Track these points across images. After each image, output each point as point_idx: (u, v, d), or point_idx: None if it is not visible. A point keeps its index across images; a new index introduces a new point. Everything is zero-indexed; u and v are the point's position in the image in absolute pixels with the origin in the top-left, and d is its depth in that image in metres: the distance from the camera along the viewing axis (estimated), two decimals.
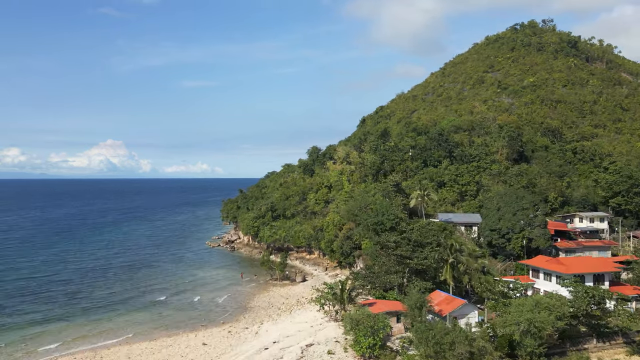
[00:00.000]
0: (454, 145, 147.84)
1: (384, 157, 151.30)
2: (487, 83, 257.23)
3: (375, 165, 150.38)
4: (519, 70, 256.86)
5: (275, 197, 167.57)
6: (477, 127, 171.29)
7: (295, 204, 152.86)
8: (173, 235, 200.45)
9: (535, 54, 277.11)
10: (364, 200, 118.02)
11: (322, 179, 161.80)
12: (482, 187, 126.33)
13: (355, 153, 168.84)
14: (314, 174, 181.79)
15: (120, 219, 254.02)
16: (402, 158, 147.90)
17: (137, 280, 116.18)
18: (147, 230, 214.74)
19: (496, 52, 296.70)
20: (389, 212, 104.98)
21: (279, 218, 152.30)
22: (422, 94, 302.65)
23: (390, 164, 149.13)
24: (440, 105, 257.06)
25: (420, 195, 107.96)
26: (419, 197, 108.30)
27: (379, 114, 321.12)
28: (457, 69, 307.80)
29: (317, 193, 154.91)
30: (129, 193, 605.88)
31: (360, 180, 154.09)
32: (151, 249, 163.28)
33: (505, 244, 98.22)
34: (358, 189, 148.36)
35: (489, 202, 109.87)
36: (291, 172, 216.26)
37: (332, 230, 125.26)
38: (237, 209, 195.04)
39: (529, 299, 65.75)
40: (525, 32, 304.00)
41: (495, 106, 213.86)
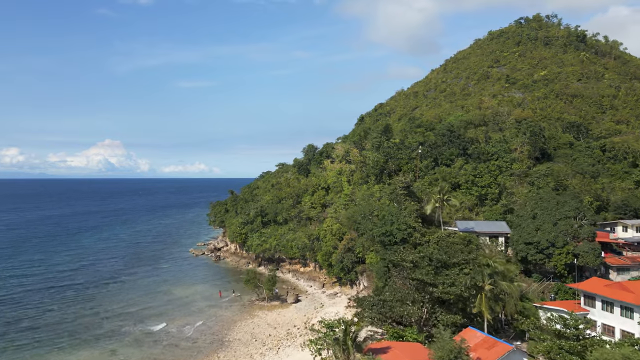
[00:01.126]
0: (468, 141, 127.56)
1: (388, 155, 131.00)
2: (493, 78, 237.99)
3: (379, 164, 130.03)
4: (527, 64, 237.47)
5: (266, 199, 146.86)
6: (490, 122, 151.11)
7: (289, 208, 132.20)
8: (155, 241, 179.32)
9: (542, 48, 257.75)
10: (369, 206, 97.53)
11: (319, 179, 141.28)
12: (505, 190, 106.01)
13: (356, 151, 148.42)
14: (310, 174, 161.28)
15: (102, 223, 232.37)
16: (409, 156, 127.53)
17: (98, 302, 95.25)
18: (128, 235, 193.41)
19: (501, 46, 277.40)
20: (399, 221, 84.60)
21: (270, 224, 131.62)
22: (423, 91, 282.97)
23: (395, 162, 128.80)
24: (444, 101, 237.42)
25: (439, 200, 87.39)
26: (437, 202, 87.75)
27: (378, 111, 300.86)
28: (460, 65, 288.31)
29: (313, 196, 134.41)
30: (121, 194, 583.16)
31: (362, 181, 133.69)
32: (127, 259, 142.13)
33: (544, 260, 77.94)
34: (359, 191, 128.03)
35: (521, 209, 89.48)
36: (285, 171, 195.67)
37: (330, 240, 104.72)
38: (225, 212, 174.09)
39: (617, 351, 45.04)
40: (531, 25, 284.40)
41: (506, 101, 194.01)
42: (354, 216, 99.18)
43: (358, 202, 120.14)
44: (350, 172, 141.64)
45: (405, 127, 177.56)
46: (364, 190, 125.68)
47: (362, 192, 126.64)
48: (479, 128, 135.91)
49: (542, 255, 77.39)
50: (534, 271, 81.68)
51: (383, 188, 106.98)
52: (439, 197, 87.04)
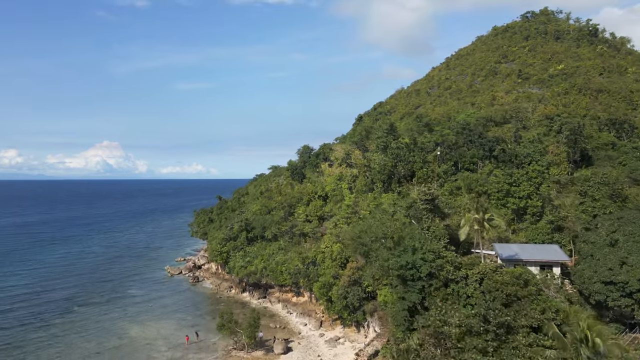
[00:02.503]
0: (493, 141, 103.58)
1: (397, 157, 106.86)
2: (503, 74, 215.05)
3: (387, 168, 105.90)
4: (539, 59, 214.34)
5: (253, 210, 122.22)
6: (513, 119, 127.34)
7: (279, 221, 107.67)
8: (132, 255, 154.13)
9: (553, 42, 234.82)
10: (380, 225, 73.17)
11: (315, 186, 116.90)
12: (549, 202, 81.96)
13: (358, 152, 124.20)
14: (305, 180, 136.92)
15: (80, 232, 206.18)
16: (423, 159, 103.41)
17: (22, 350, 70.42)
18: (103, 248, 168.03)
19: (508, 42, 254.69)
20: (424, 248, 60.45)
21: (257, 241, 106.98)
22: (426, 88, 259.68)
23: (406, 167, 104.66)
24: (450, 99, 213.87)
25: (478, 220, 62.96)
26: (474, 223, 63.40)
27: (377, 110, 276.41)
28: (464, 62, 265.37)
29: (309, 206, 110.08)
30: (114, 196, 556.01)
31: (366, 189, 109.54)
32: (91, 281, 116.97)
33: (632, 306, 53.97)
34: (364, 200, 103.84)
35: (592, 234, 65.37)
36: (278, 175, 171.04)
37: (329, 266, 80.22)
38: (210, 222, 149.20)
39: None
40: (539, 20, 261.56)
41: (523, 96, 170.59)
42: (361, 237, 74.79)
43: (364, 215, 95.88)
44: (352, 178, 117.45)
45: (412, 125, 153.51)
46: (370, 200, 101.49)
47: (367, 202, 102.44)
48: (505, 126, 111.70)
49: (631, 301, 53.37)
50: (611, 318, 57.73)
51: (398, 201, 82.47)
52: (477, 218, 62.57)
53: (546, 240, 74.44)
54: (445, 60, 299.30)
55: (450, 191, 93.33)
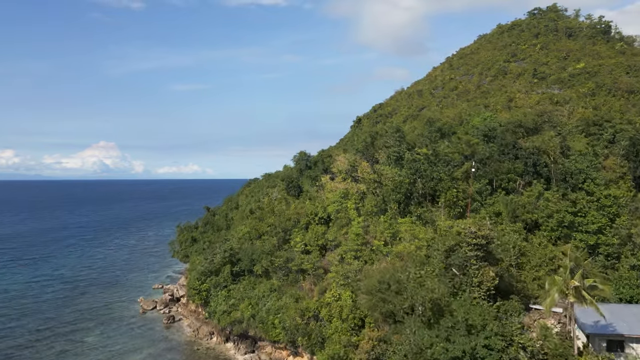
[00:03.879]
0: (534, 152, 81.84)
1: (416, 172, 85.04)
2: (514, 73, 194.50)
3: (403, 186, 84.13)
4: (553, 57, 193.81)
5: (240, 233, 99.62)
6: (546, 124, 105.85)
7: (272, 250, 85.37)
8: (103, 280, 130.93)
9: (565, 39, 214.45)
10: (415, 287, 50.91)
11: (315, 206, 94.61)
12: (630, 239, 60.31)
13: (366, 164, 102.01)
14: (302, 194, 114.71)
15: (51, 249, 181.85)
16: (450, 175, 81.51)
17: None
18: (74, 270, 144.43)
19: (515, 39, 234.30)
20: (489, 329, 38.54)
21: (243, 276, 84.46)
22: (429, 89, 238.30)
23: (428, 184, 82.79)
24: (458, 100, 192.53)
25: (576, 291, 40.64)
26: (569, 293, 41.19)
27: (377, 112, 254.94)
28: (468, 61, 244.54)
29: (307, 231, 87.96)
30: (102, 201, 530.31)
31: (377, 210, 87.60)
32: (40, 324, 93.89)
33: None
34: (376, 226, 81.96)
35: None
36: (272, 186, 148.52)
37: (339, 330, 58.01)
38: (192, 242, 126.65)
39: None
40: (549, 16, 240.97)
41: (544, 98, 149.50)
42: (382, 291, 52.76)
43: (377, 247, 74.02)
44: (359, 195, 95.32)
45: (422, 130, 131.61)
46: (383, 227, 79.52)
47: (380, 229, 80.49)
48: (545, 133, 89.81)
49: None
50: None
51: (433, 242, 60.37)
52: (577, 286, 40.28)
53: (636, 296, 52.88)
54: (446, 60, 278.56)
55: (487, 218, 71.43)
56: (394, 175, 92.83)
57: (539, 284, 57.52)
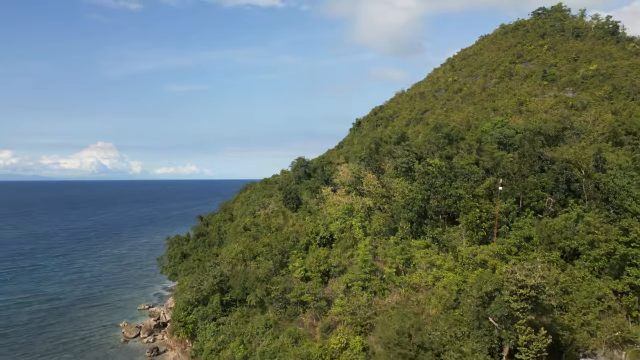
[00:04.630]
0: (568, 168, 71.23)
1: (430, 187, 74.43)
2: (521, 75, 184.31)
3: (416, 203, 73.51)
4: (562, 58, 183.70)
5: (233, 252, 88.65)
6: (568, 131, 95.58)
7: (268, 275, 74.62)
8: (87, 298, 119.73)
9: (573, 40, 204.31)
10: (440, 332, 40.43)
11: (316, 223, 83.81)
12: None
13: (372, 176, 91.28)
14: (301, 207, 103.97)
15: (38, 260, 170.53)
16: (471, 191, 70.91)
17: None
18: (58, 285, 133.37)
19: (520, 40, 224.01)
20: None
21: (235, 306, 73.51)
22: (431, 91, 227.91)
23: (445, 202, 72.19)
24: (464, 103, 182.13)
25: None
26: None
27: (377, 115, 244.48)
28: (471, 62, 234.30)
29: (308, 253, 77.27)
30: (97, 203, 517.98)
31: (387, 230, 77.05)
32: (2, 349, 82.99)
33: None
34: (386, 248, 71.49)
35: None
36: (269, 196, 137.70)
37: None
38: (182, 258, 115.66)
39: None
40: (555, 16, 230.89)
41: (556, 101, 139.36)
42: (404, 348, 42.05)
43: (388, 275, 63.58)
44: (365, 211, 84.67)
45: (429, 137, 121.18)
46: (395, 251, 68.99)
47: (390, 252, 69.96)
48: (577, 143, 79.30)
49: None
50: None
51: (463, 283, 49.87)
52: None
53: None
54: (447, 61, 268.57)
55: (517, 247, 60.89)
56: (404, 188, 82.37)
57: (589, 330, 46.96)
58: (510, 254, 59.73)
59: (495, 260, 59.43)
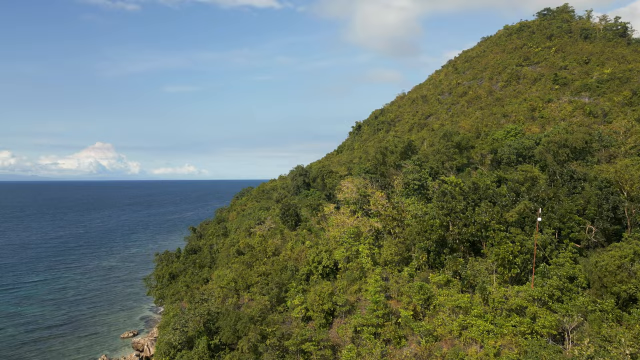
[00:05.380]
0: (611, 192, 60.65)
1: (450, 212, 63.95)
2: (529, 78, 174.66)
3: (435, 230, 62.99)
4: (572, 61, 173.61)
5: (225, 281, 77.77)
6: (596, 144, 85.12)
7: (263, 312, 63.87)
8: (65, 322, 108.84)
9: (582, 42, 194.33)
10: None
11: (318, 250, 73.06)
12: None
13: (380, 194, 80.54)
14: (300, 226, 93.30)
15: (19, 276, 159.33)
16: (497, 218, 60.39)
17: None
18: (36, 305, 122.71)
19: (526, 42, 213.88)
20: None
21: (224, 351, 62.66)
22: (434, 94, 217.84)
23: (468, 231, 61.70)
24: (471, 108, 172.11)
25: None
26: None
27: (378, 119, 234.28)
28: (475, 64, 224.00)
29: (308, 286, 66.62)
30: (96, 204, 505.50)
31: (399, 259, 66.47)
32: None
33: None
34: (398, 283, 61.05)
35: None
36: (265, 208, 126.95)
37: None
38: (171, 280, 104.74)
39: None
40: (562, 17, 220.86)
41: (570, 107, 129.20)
42: None
43: (405, 319, 53.16)
44: (373, 234, 74.10)
45: (439, 146, 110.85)
46: (411, 288, 58.49)
47: (405, 288, 59.48)
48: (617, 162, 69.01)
49: None
50: None
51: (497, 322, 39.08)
52: None
53: None
54: (449, 63, 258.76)
55: (560, 287, 50.38)
56: (418, 210, 71.80)
57: None
58: (552, 298, 49.25)
59: (534, 306, 48.99)
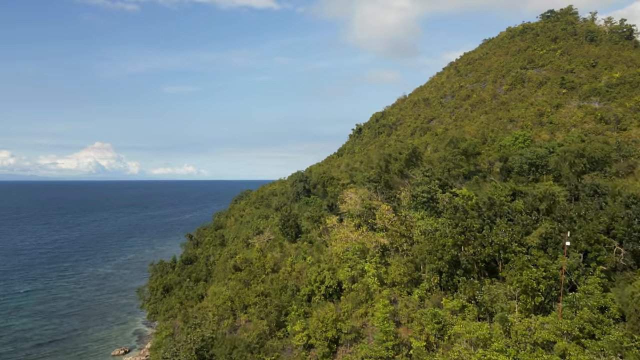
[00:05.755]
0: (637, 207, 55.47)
1: (465, 230, 58.63)
2: (534, 82, 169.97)
3: (447, 251, 57.74)
4: (579, 64, 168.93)
5: (221, 299, 72.31)
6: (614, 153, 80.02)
7: (261, 338, 58.48)
8: (53, 337, 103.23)
9: (587, 44, 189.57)
10: None
11: (320, 268, 67.67)
12: None
13: (386, 207, 75.13)
14: (301, 238, 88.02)
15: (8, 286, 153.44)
16: (517, 238, 55.12)
17: None
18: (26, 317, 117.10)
19: (530, 44, 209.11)
20: None
21: None
22: (436, 97, 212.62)
23: (485, 252, 56.38)
24: (475, 112, 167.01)
25: None
26: None
27: (379, 122, 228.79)
28: (477, 66, 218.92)
29: (310, 308, 61.24)
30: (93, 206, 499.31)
31: (408, 280, 61.17)
32: None
33: None
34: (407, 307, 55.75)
35: None
36: (264, 217, 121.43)
37: None
38: (164, 293, 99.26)
39: None
40: (566, 19, 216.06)
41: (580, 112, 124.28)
42: None
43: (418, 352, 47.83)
44: (379, 251, 68.81)
45: (445, 153, 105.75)
46: (426, 319, 53.11)
47: (415, 312, 54.18)
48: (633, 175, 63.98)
49: None
50: None
51: None
52: None
53: None
54: (450, 65, 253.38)
55: (591, 320, 45.05)
56: (428, 226, 66.50)
57: None
58: (583, 332, 43.97)
59: (563, 341, 43.70)
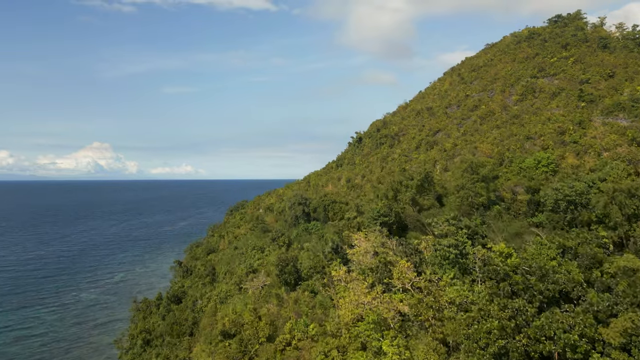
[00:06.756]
0: None
1: (515, 313, 44.45)
2: (547, 92, 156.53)
3: (493, 337, 43.50)
4: (594, 74, 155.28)
5: None
6: None
7: None
8: None
9: (601, 51, 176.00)
10: None
11: (328, 348, 53.53)
12: None
13: (405, 263, 60.99)
14: (300, 284, 74.01)
15: None
16: (592, 334, 40.93)
17: None
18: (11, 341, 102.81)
19: (539, 50, 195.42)
20: None
21: None
22: (441, 106, 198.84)
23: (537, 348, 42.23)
24: (485, 125, 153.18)
25: None
26: None
27: (381, 132, 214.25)
28: (484, 74, 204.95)
29: None
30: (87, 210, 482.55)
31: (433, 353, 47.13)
32: None
33: None
34: None
35: None
36: (259, 250, 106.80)
37: None
38: (145, 345, 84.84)
39: None
40: (575, 24, 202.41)
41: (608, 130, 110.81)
42: None
43: None
44: (399, 322, 54.92)
45: (463, 180, 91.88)
46: None
47: None
48: None
49: None
50: None
51: None
52: None
53: None
54: (451, 70, 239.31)
55: None
56: (462, 297, 52.57)
57: None
58: None
59: None
